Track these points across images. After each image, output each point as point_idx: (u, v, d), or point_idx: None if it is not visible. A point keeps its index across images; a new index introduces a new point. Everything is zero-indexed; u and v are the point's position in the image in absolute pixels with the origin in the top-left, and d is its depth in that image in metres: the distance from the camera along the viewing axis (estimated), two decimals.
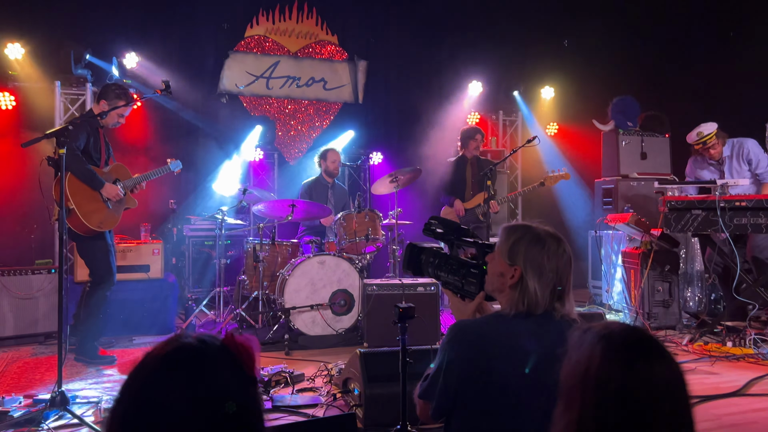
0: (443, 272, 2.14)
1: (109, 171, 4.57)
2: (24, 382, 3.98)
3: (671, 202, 5.08)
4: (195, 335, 1.00)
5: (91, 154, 4.46)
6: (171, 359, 0.95)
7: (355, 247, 5.42)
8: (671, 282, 5.66)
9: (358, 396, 3.30)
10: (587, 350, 1.14)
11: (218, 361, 0.96)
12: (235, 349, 0.98)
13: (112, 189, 4.43)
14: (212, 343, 0.98)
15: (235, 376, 0.96)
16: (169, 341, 0.98)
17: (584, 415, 1.09)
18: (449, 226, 2.24)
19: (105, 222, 4.42)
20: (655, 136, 7.08)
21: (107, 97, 4.46)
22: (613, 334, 1.14)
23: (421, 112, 7.99)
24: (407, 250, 2.24)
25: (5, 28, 6.15)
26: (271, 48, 7.72)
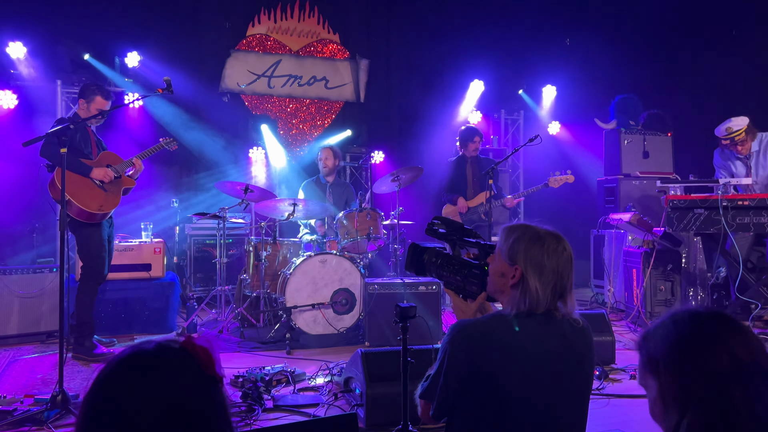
0: (445, 272, 2.13)
1: (98, 160, 4.64)
2: (26, 381, 3.98)
3: (673, 201, 5.07)
4: (155, 341, 1.02)
5: (81, 149, 4.55)
6: (127, 366, 0.97)
7: (357, 246, 5.42)
8: (673, 281, 5.65)
9: (359, 396, 3.29)
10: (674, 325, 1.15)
11: (175, 364, 0.98)
12: (194, 351, 1.00)
13: (101, 170, 4.51)
14: (169, 347, 1.00)
15: (193, 378, 0.98)
16: (128, 349, 1.00)
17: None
18: (452, 226, 2.23)
19: (105, 204, 4.51)
20: (657, 134, 7.06)
21: (84, 96, 4.63)
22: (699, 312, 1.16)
23: (423, 110, 7.98)
24: (410, 250, 2.24)
25: (7, 28, 6.15)
26: (273, 47, 7.72)
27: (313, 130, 7.94)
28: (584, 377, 1.84)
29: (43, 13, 6.44)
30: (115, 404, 0.93)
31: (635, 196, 6.79)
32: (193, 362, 0.99)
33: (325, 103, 7.99)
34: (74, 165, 4.41)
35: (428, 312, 4.73)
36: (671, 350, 1.12)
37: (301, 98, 7.87)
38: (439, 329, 4.90)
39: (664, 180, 6.22)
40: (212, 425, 0.98)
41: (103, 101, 4.62)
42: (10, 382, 3.96)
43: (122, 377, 0.96)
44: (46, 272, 5.22)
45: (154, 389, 0.94)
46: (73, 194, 4.36)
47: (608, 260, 6.56)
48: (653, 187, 6.52)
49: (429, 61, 8.20)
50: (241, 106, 7.62)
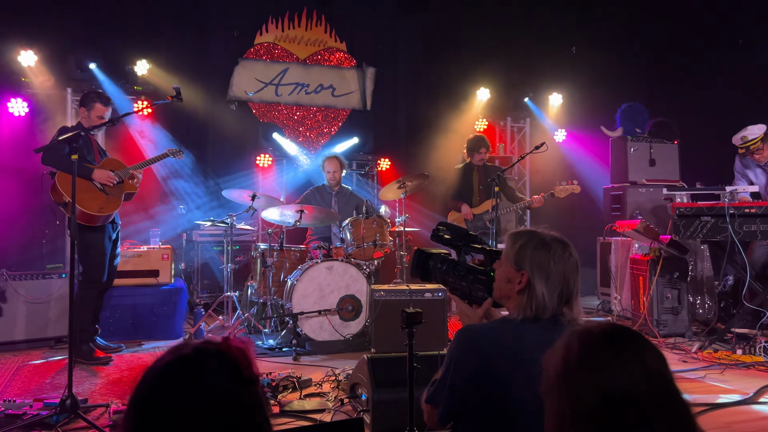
0: (451, 278, 2.14)
1: (101, 165, 4.69)
2: (35, 386, 4.01)
3: (680, 209, 5.07)
4: (192, 344, 1.04)
5: (84, 155, 4.60)
6: (169, 371, 1.00)
7: (363, 252, 5.44)
8: (680, 289, 5.64)
9: (365, 401, 3.30)
10: (565, 344, 1.14)
11: (215, 367, 1.00)
12: (231, 352, 1.02)
13: (102, 173, 4.55)
14: (208, 349, 1.02)
15: (234, 379, 1.00)
16: (167, 354, 1.03)
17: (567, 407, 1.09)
18: (457, 232, 2.25)
19: (105, 207, 4.56)
20: (663, 142, 7.06)
21: (85, 104, 4.71)
22: (591, 328, 1.15)
23: (429, 118, 8.01)
24: (415, 255, 2.25)
25: (18, 36, 6.23)
26: (281, 55, 7.78)
27: (320, 138, 7.98)
28: None
29: (54, 22, 6.52)
30: (161, 407, 0.96)
31: (642, 203, 6.79)
32: (232, 363, 1.01)
33: (332, 110, 8.04)
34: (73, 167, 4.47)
35: (434, 318, 4.73)
36: (564, 367, 1.11)
37: (308, 106, 7.92)
38: (445, 336, 4.91)
39: (671, 188, 6.21)
40: (253, 423, 1.00)
41: (102, 108, 4.68)
42: (19, 387, 3.99)
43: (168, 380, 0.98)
44: (55, 278, 5.26)
45: (198, 391, 0.97)
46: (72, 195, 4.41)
47: (615, 268, 6.55)
48: (660, 194, 6.52)
49: (435, 69, 8.24)
50: (248, 114, 7.68)
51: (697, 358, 4.80)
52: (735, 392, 3.95)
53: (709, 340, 5.15)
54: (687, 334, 5.56)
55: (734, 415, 3.57)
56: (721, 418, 3.51)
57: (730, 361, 4.65)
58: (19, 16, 6.37)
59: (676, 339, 5.40)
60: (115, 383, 4.09)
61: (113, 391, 3.90)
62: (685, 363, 4.68)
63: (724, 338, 5.18)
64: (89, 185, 4.54)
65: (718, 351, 4.95)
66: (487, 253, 2.12)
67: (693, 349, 4.97)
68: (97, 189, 4.57)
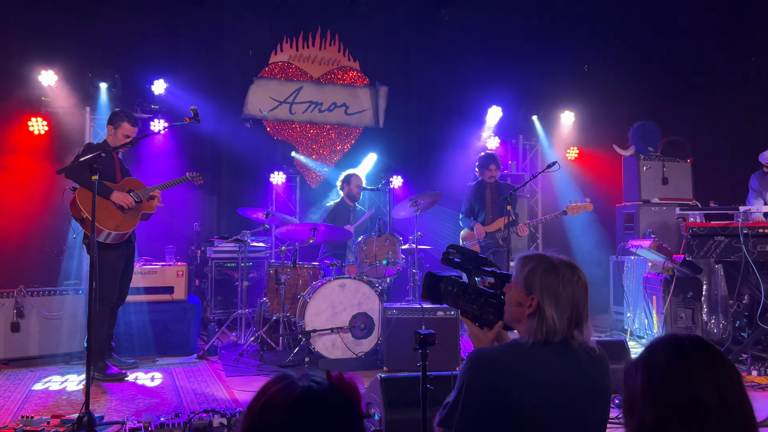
0: (462, 301, 2.17)
1: (121, 184, 4.77)
2: (51, 402, 4.06)
3: (693, 228, 5.06)
4: (305, 378, 1.05)
5: (105, 173, 4.63)
6: (294, 406, 1.00)
7: (375, 270, 5.47)
8: (694, 309, 5.60)
9: (378, 421, 3.32)
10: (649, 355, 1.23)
11: (336, 403, 1.03)
12: (346, 389, 1.05)
13: (121, 195, 4.64)
14: (324, 384, 1.05)
15: (351, 414, 1.03)
16: (285, 387, 1.03)
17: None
18: (467, 255, 2.27)
19: (121, 225, 4.63)
20: (676, 161, 7.06)
21: (113, 122, 4.79)
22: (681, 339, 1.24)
23: (441, 136, 8.07)
24: (426, 279, 2.28)
25: (39, 56, 6.38)
26: (295, 74, 7.89)
27: (333, 155, 8.06)
28: (602, 405, 1.86)
29: (74, 42, 6.67)
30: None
31: (655, 222, 6.77)
32: (347, 400, 1.04)
33: (345, 128, 8.12)
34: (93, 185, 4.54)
35: (446, 337, 4.74)
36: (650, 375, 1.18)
37: (321, 124, 8.01)
38: (457, 354, 4.91)
39: (684, 207, 6.20)
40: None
41: (130, 128, 4.77)
42: (36, 403, 4.04)
43: (293, 421, 0.99)
44: (71, 294, 5.34)
45: (324, 428, 0.99)
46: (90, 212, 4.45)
47: (628, 287, 6.52)
48: (673, 213, 6.50)
49: (447, 87, 8.30)
50: (262, 132, 7.78)
51: None
52: None
53: None
54: None
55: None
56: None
57: (746, 383, 4.60)
58: (40, 37, 6.52)
59: None
60: (130, 400, 4.13)
61: (129, 408, 3.94)
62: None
63: (739, 359, 5.13)
64: (107, 203, 4.62)
65: None
66: (498, 276, 2.14)
67: None
68: (115, 207, 4.65)
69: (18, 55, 6.37)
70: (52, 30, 6.63)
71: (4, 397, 4.15)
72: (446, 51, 8.25)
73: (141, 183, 4.92)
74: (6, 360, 5.01)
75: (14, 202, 6.17)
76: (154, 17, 7.07)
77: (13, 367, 4.95)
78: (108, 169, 4.75)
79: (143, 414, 3.59)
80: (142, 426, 3.34)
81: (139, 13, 7.00)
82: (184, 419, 3.39)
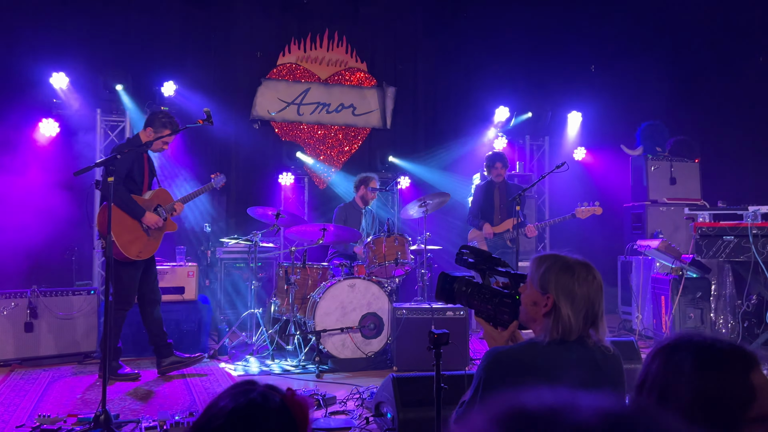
0: (476, 301, 2.20)
1: (150, 197, 4.68)
2: (66, 401, 4.11)
3: (702, 228, 5.07)
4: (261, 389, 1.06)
5: (135, 178, 4.60)
6: (236, 414, 1.02)
7: (385, 270, 5.50)
8: (703, 309, 5.61)
9: (390, 420, 3.35)
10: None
11: (278, 421, 1.03)
12: (294, 410, 1.05)
13: (152, 217, 4.56)
14: (273, 400, 1.05)
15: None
16: (237, 394, 1.05)
17: None
18: (481, 255, 2.30)
19: (144, 251, 4.56)
20: (684, 161, 7.06)
21: (153, 125, 4.60)
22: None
23: (449, 136, 8.10)
24: (439, 279, 2.31)
25: (50, 59, 6.44)
26: (302, 75, 7.92)
27: (341, 156, 8.09)
28: None
29: (84, 45, 6.73)
30: None
31: (663, 222, 6.78)
32: (291, 420, 1.04)
33: (353, 129, 8.15)
34: (127, 204, 4.43)
35: (456, 337, 4.76)
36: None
37: (329, 125, 8.04)
38: (466, 354, 4.93)
39: (692, 207, 6.21)
40: None
41: (171, 135, 4.61)
42: (52, 402, 4.09)
43: (236, 423, 1.01)
44: (83, 294, 5.39)
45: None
46: (117, 234, 4.34)
47: (636, 287, 6.53)
48: (681, 213, 6.51)
49: (454, 88, 8.33)
50: (271, 133, 7.82)
51: None
52: None
53: None
54: None
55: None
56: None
57: None
58: (50, 39, 6.58)
59: None
60: (145, 399, 4.18)
61: (143, 407, 3.98)
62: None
63: None
64: (135, 225, 4.50)
65: None
66: (512, 276, 2.17)
67: None
68: (142, 230, 4.54)
69: (29, 58, 6.43)
70: (63, 33, 6.69)
71: (20, 396, 4.20)
72: (453, 51, 8.28)
73: (168, 194, 4.80)
74: (20, 359, 5.06)
75: (26, 204, 6.22)
76: (163, 20, 7.12)
77: (27, 367, 5.00)
78: (138, 174, 4.60)
79: (158, 413, 3.64)
80: (158, 424, 3.38)
81: (149, 16, 7.05)
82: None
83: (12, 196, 6.17)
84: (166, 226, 4.73)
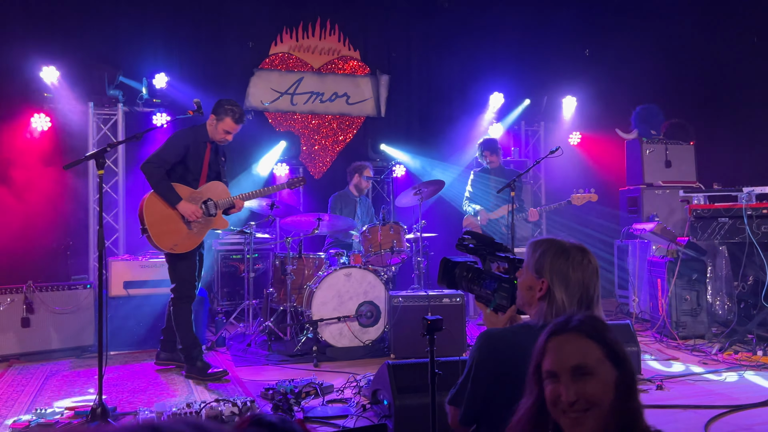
0: (476, 286, 2.20)
1: (201, 190, 4.46)
2: (64, 395, 4.11)
3: (697, 211, 5.07)
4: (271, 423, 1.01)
5: (189, 166, 4.39)
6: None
7: (381, 259, 5.50)
8: (699, 291, 5.63)
9: (387, 407, 3.35)
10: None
11: None
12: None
13: (188, 207, 4.30)
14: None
15: None
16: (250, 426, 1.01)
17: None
18: (482, 240, 2.30)
19: (180, 245, 4.34)
20: (679, 144, 7.05)
21: (216, 112, 4.43)
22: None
23: (443, 124, 8.06)
24: (441, 264, 2.31)
25: (41, 52, 6.38)
26: (295, 65, 7.88)
27: (336, 146, 8.06)
28: None
29: (75, 37, 6.67)
30: None
31: (658, 205, 6.78)
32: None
33: (347, 118, 8.12)
34: (164, 190, 4.24)
35: (452, 324, 4.78)
36: None
37: (323, 114, 8.00)
38: (463, 340, 4.95)
39: (687, 189, 6.20)
40: None
41: (233, 125, 4.43)
42: (49, 396, 4.09)
43: None
44: (80, 289, 5.38)
45: None
46: (152, 223, 4.23)
47: (632, 270, 6.54)
48: (676, 196, 6.51)
49: (449, 75, 8.29)
50: (265, 124, 7.78)
51: (718, 360, 4.79)
52: (756, 394, 3.94)
53: (729, 341, 5.14)
54: (707, 335, 5.54)
55: (755, 417, 3.57)
56: (742, 420, 3.51)
57: (751, 363, 4.64)
58: (41, 33, 6.51)
59: (695, 341, 5.40)
60: (142, 392, 4.18)
61: (140, 400, 3.99)
62: (706, 365, 4.68)
63: (744, 340, 5.16)
64: (173, 215, 4.29)
65: (738, 353, 4.93)
66: (511, 261, 2.17)
67: (713, 351, 4.97)
68: (182, 222, 4.33)
69: (19, 52, 6.37)
70: (53, 26, 6.62)
71: (18, 391, 4.21)
72: (447, 38, 8.23)
73: (225, 190, 4.54)
74: (18, 355, 5.06)
75: (20, 199, 6.19)
76: (154, 11, 7.05)
77: (25, 362, 5.00)
78: (194, 162, 4.38)
79: (155, 404, 3.64)
80: (155, 416, 3.39)
81: (139, 7, 6.99)
82: (196, 408, 3.43)
83: (5, 190, 6.15)
84: (212, 221, 4.50)
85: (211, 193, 4.50)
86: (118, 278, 5.43)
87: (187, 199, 4.34)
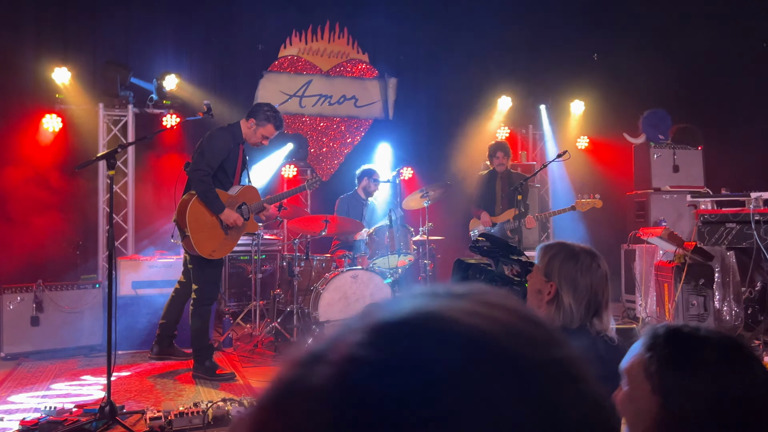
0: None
1: (237, 194, 4.45)
2: (72, 393, 4.15)
3: (704, 216, 5.06)
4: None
5: (227, 170, 4.39)
6: None
7: (387, 261, 5.51)
8: (706, 296, 5.60)
9: None
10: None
11: None
12: None
13: (231, 215, 4.30)
14: None
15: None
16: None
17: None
18: (496, 243, 2.31)
19: (218, 250, 4.35)
20: (687, 148, 7.04)
21: (256, 117, 4.43)
22: None
23: (451, 127, 8.07)
24: (455, 265, 2.32)
25: (53, 54, 6.44)
26: (304, 67, 7.91)
27: (343, 148, 8.09)
28: None
29: (87, 39, 6.74)
30: None
31: (666, 210, 6.76)
32: None
33: (355, 121, 8.14)
34: (210, 199, 4.20)
35: None
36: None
37: (331, 117, 8.03)
38: None
39: (695, 194, 6.19)
40: None
41: (272, 129, 4.44)
42: (58, 394, 4.12)
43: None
44: (89, 288, 5.42)
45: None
46: (194, 229, 4.20)
47: (639, 275, 6.53)
48: (684, 201, 6.49)
49: (456, 78, 8.29)
50: None
51: None
52: None
53: None
54: None
55: None
56: None
57: None
58: (53, 34, 6.59)
59: None
60: (149, 391, 4.21)
61: (148, 398, 4.02)
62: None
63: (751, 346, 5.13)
64: (215, 222, 4.27)
65: None
66: (523, 264, 2.18)
67: None
68: (220, 227, 4.32)
69: (31, 53, 6.44)
70: (65, 27, 6.69)
71: (27, 389, 4.25)
72: (455, 42, 8.24)
73: (256, 193, 4.59)
74: (27, 353, 5.11)
75: (30, 198, 6.25)
76: (165, 13, 7.11)
77: (34, 360, 5.04)
78: (230, 166, 4.38)
79: (163, 403, 3.67)
80: (162, 415, 3.41)
81: (150, 9, 7.04)
82: (203, 408, 3.45)
83: (16, 190, 6.20)
84: (246, 225, 4.50)
85: (245, 198, 4.49)
86: (126, 278, 5.47)
87: (226, 205, 4.33)
